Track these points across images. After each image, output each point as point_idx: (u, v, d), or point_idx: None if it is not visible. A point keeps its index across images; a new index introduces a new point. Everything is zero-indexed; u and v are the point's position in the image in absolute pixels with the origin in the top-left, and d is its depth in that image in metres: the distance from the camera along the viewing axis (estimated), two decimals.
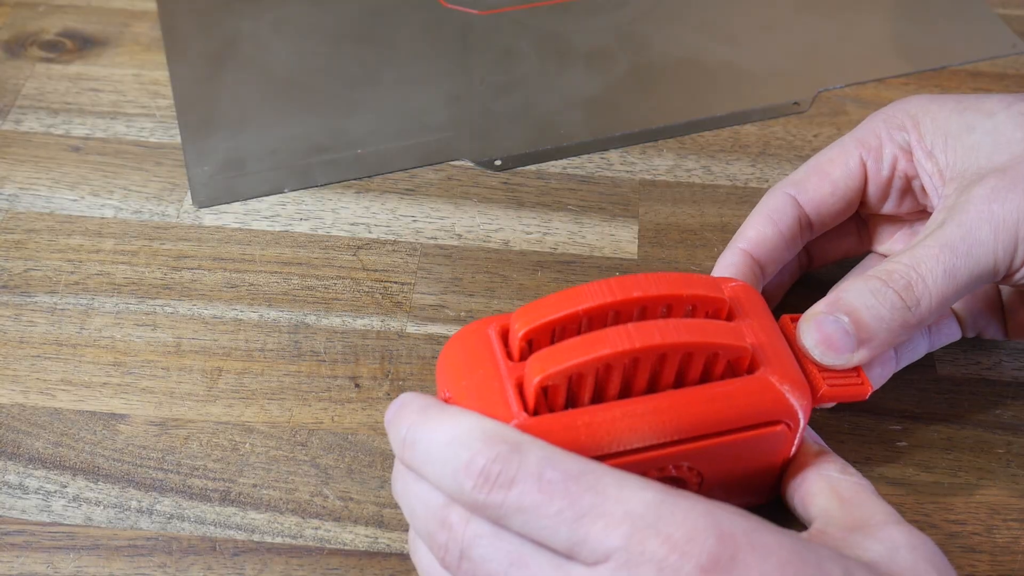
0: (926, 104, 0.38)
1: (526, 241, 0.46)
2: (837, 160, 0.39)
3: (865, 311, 0.33)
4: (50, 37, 0.56)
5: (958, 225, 0.34)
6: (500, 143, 0.51)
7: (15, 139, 0.51)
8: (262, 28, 0.57)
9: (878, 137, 0.38)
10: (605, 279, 0.32)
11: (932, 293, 0.33)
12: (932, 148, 0.37)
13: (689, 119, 0.52)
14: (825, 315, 0.34)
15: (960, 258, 0.33)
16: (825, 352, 0.34)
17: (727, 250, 0.39)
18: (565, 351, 0.30)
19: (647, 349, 0.30)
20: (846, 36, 0.57)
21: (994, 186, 0.34)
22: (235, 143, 0.51)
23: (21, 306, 0.44)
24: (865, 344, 0.34)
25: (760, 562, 0.26)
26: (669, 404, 0.31)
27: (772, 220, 0.39)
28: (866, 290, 0.34)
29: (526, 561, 0.28)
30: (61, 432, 0.40)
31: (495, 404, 0.31)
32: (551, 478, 0.27)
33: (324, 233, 0.47)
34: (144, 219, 0.47)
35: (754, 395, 0.32)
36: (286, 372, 0.42)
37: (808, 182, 0.39)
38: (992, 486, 0.39)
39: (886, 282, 0.33)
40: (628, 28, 0.57)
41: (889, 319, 0.33)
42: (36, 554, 0.36)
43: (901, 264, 0.34)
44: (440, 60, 0.55)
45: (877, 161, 0.38)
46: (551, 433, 0.30)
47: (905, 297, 0.33)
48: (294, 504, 0.38)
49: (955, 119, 0.37)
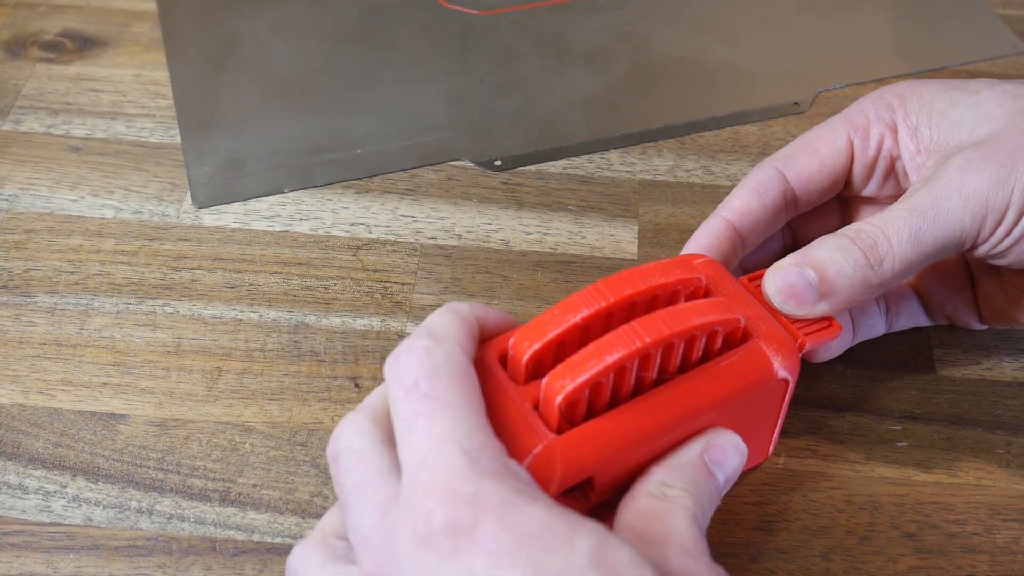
0: (914, 85, 0.39)
1: (526, 241, 0.46)
2: (825, 137, 0.39)
3: (830, 266, 0.34)
4: (50, 37, 0.56)
5: (929, 192, 0.34)
6: (500, 143, 0.51)
7: (15, 139, 0.51)
8: (262, 28, 0.57)
9: (866, 116, 0.39)
10: (593, 284, 0.32)
11: (896, 254, 0.34)
12: (917, 125, 0.38)
13: (689, 119, 0.52)
14: (791, 267, 0.35)
15: (927, 223, 0.34)
16: (786, 301, 0.35)
17: (710, 218, 0.39)
18: (581, 363, 0.30)
19: (657, 343, 0.31)
20: (846, 36, 0.57)
21: (968, 157, 0.35)
22: (235, 143, 0.51)
23: (21, 306, 0.44)
24: (827, 298, 0.35)
25: (498, 531, 0.26)
26: (680, 391, 0.32)
27: (757, 192, 0.39)
28: (833, 246, 0.35)
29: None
30: (61, 432, 0.40)
31: (517, 431, 0.30)
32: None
33: (324, 233, 0.47)
34: (144, 219, 0.47)
35: (752, 363, 0.33)
36: (286, 372, 0.42)
37: (796, 158, 0.39)
38: (992, 486, 0.39)
39: (853, 240, 0.34)
40: (628, 28, 0.57)
41: (852, 275, 0.34)
42: (36, 554, 0.36)
43: (870, 224, 0.35)
44: (440, 60, 0.55)
45: (864, 140, 0.39)
46: (580, 446, 0.30)
47: (869, 256, 0.34)
48: (294, 504, 0.38)
49: (940, 96, 0.38)
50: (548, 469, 0.30)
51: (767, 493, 0.38)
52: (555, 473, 0.30)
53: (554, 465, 0.30)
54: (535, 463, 0.30)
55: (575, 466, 0.30)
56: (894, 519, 0.38)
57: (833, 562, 0.37)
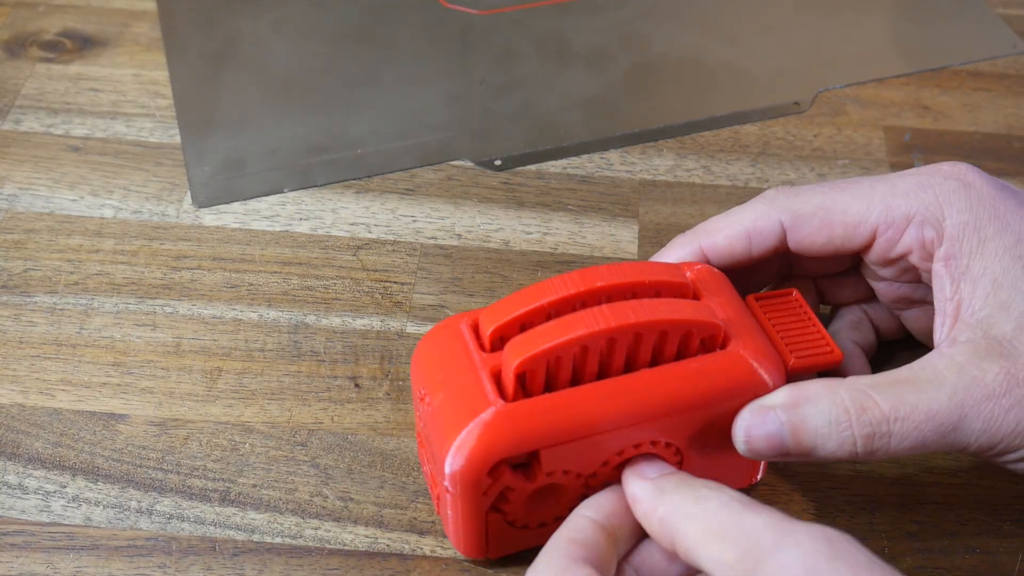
0: (974, 217, 0.33)
1: (526, 241, 0.46)
2: (851, 210, 0.35)
3: (815, 436, 0.31)
4: (50, 37, 0.56)
5: (957, 407, 0.31)
6: (500, 143, 0.51)
7: (15, 139, 0.51)
8: (262, 28, 0.57)
9: (907, 219, 0.34)
10: (568, 272, 0.33)
11: (889, 451, 0.31)
12: (960, 284, 0.33)
13: (689, 119, 0.52)
14: (776, 416, 0.32)
15: (937, 436, 0.31)
16: (748, 445, 0.32)
17: (686, 241, 0.37)
18: (542, 335, 0.31)
19: (622, 328, 0.31)
20: (846, 36, 0.57)
21: (1006, 380, 0.31)
22: (235, 143, 0.51)
23: (21, 306, 0.44)
24: (787, 454, 0.32)
25: None
26: (644, 382, 0.32)
27: (748, 238, 0.36)
28: (828, 418, 0.31)
29: None
30: (61, 432, 0.39)
31: (470, 394, 0.31)
32: None
33: (324, 233, 0.47)
34: (144, 219, 0.47)
35: (727, 370, 0.33)
36: (286, 372, 0.41)
37: (808, 225, 0.36)
38: (992, 486, 0.39)
39: (852, 421, 0.31)
40: (628, 28, 0.57)
41: (832, 452, 0.31)
42: (35, 554, 0.36)
43: (879, 409, 0.31)
44: (440, 60, 0.55)
45: (891, 241, 0.35)
46: (529, 417, 0.31)
47: (861, 443, 0.31)
48: (294, 504, 0.38)
49: (1008, 263, 0.33)
50: (494, 434, 0.31)
51: (767, 493, 0.38)
52: (501, 439, 0.31)
53: (500, 431, 0.31)
54: (484, 428, 0.31)
55: (521, 434, 0.31)
56: (895, 519, 0.38)
57: None
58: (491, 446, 0.31)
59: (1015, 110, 0.53)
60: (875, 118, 0.52)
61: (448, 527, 0.35)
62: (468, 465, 0.31)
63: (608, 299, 0.33)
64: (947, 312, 0.34)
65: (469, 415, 0.31)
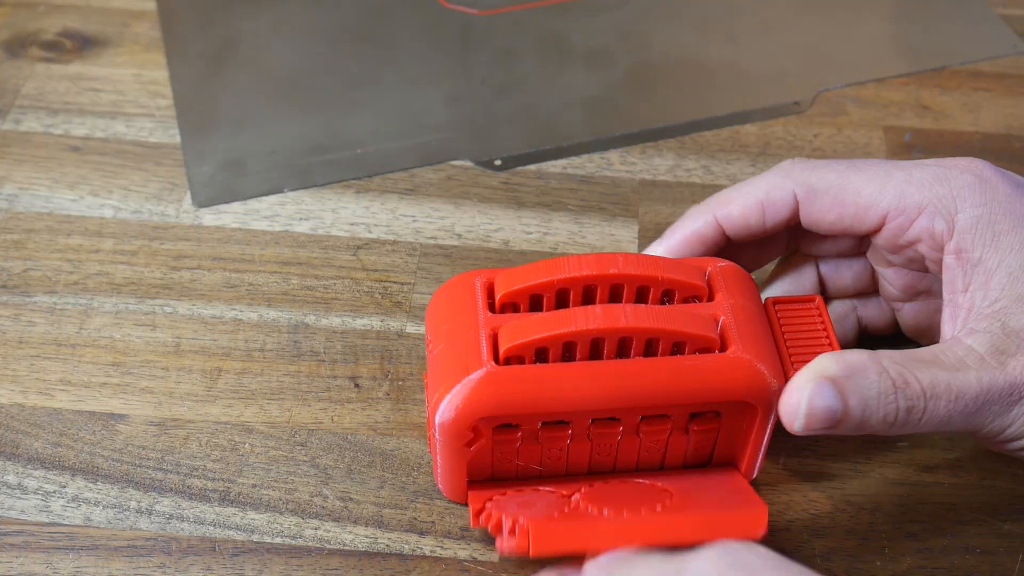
0: (988, 212, 0.34)
1: (526, 241, 0.46)
2: (864, 192, 0.35)
3: (864, 408, 0.32)
4: (50, 37, 0.56)
5: (984, 392, 0.32)
6: (500, 143, 0.51)
7: (15, 139, 0.51)
8: (262, 28, 0.57)
9: (919, 209, 0.35)
10: (590, 253, 0.33)
11: (918, 427, 0.32)
12: (973, 275, 0.34)
13: (689, 119, 0.52)
14: (829, 386, 0.32)
15: (961, 417, 0.32)
16: (808, 419, 0.32)
17: (701, 211, 0.37)
18: (535, 325, 0.32)
19: (611, 331, 0.32)
20: (846, 36, 0.57)
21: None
22: (235, 143, 0.51)
23: (20, 306, 0.43)
24: (838, 425, 0.32)
25: None
26: (634, 370, 0.33)
27: (763, 208, 0.36)
28: (878, 388, 0.31)
29: None
30: (60, 432, 0.39)
31: (468, 351, 0.33)
32: None
33: (324, 233, 0.47)
34: (144, 219, 0.47)
35: (721, 371, 0.33)
36: (286, 372, 0.41)
37: (820, 197, 0.36)
38: (992, 486, 0.39)
39: (897, 394, 0.32)
40: (628, 28, 0.57)
41: (876, 423, 0.32)
42: (35, 554, 0.36)
43: (919, 385, 0.32)
44: (440, 60, 0.55)
45: (902, 228, 0.35)
46: (517, 382, 0.32)
47: (901, 418, 0.32)
48: (294, 504, 0.38)
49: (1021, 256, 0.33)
50: (481, 393, 0.32)
51: (767, 493, 0.38)
52: (486, 399, 0.32)
53: (488, 391, 0.32)
54: (473, 386, 0.32)
55: (505, 397, 0.32)
56: (895, 519, 0.38)
57: (834, 562, 0.36)
58: (476, 404, 0.32)
59: (1015, 110, 0.53)
60: (875, 118, 0.52)
61: (435, 468, 0.36)
62: (454, 419, 0.33)
63: (618, 288, 0.34)
64: (959, 304, 0.34)
65: (462, 371, 0.33)
